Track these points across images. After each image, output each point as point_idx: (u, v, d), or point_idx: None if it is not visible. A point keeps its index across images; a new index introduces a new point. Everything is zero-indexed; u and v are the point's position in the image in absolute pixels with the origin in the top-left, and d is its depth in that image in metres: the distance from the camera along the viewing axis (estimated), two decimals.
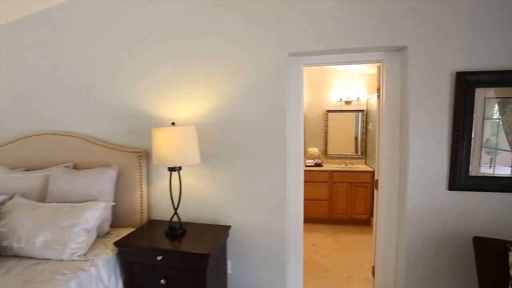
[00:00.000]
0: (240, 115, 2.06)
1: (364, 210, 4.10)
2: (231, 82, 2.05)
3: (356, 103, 4.57)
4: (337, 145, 4.68)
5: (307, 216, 4.30)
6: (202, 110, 2.11)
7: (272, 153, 2.04)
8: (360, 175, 4.08)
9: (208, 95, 2.09)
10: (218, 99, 2.08)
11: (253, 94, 2.03)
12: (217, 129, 2.10)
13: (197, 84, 2.10)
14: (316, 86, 4.68)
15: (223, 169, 2.12)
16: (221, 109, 2.08)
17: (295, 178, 2.18)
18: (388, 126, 2.04)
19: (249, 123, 2.05)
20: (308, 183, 4.09)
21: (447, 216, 1.86)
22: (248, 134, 2.06)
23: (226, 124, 2.08)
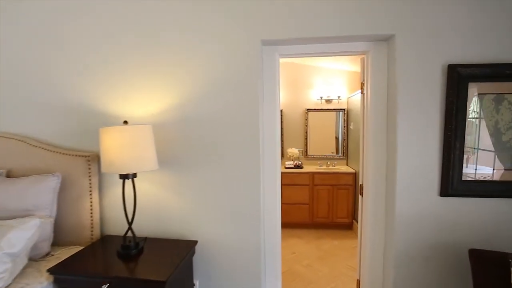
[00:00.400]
0: (205, 113, 1.78)
1: (346, 214, 3.92)
2: (194, 74, 1.76)
3: (337, 102, 4.40)
4: (318, 145, 4.50)
5: (287, 221, 4.11)
6: (161, 107, 1.81)
7: (244, 155, 1.78)
8: (341, 177, 3.91)
9: (168, 90, 1.79)
10: (179, 94, 1.79)
11: (221, 88, 1.75)
12: (179, 128, 1.81)
13: (156, 77, 1.80)
14: (295, 83, 4.46)
15: (188, 175, 1.83)
16: (183, 106, 1.79)
17: (272, 184, 1.93)
18: (374, 125, 1.83)
19: (216, 122, 1.78)
20: (288, 186, 3.88)
21: (439, 225, 1.67)
22: (215, 134, 1.78)
23: (189, 123, 1.80)
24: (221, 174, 1.80)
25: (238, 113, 1.76)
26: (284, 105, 4.49)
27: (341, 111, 4.40)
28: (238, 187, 1.80)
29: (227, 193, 1.81)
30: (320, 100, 4.40)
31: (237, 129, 1.76)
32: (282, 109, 4.47)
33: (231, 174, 1.79)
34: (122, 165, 1.55)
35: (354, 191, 3.90)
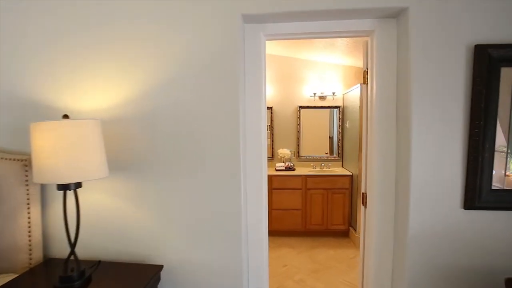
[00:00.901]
0: (172, 107, 1.42)
1: (342, 220, 3.60)
2: (158, 59, 1.40)
3: (331, 99, 4.08)
4: (311, 145, 4.17)
5: (278, 228, 3.78)
6: (116, 99, 1.44)
7: (221, 158, 1.42)
8: (337, 180, 3.59)
9: (125, 78, 1.43)
10: (139, 83, 1.42)
11: (191, 76, 1.40)
12: (140, 125, 1.44)
13: (109, 62, 1.43)
14: (286, 79, 4.13)
15: (151, 184, 1.47)
16: (144, 98, 1.42)
17: (256, 191, 1.58)
18: (380, 122, 1.50)
19: (185, 118, 1.42)
20: (279, 191, 3.54)
21: (463, 245, 1.35)
22: (184, 133, 1.43)
23: (153, 119, 1.43)
24: (192, 181, 1.44)
25: (213, 107, 1.40)
26: (274, 102, 4.15)
27: (336, 108, 4.08)
28: (213, 197, 1.44)
29: (200, 205, 1.46)
30: (313, 97, 4.08)
31: (211, 126, 1.41)
32: (272, 106, 4.13)
33: (205, 182, 1.44)
34: (58, 172, 1.17)
35: (350, 195, 3.58)
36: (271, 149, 4.18)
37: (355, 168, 3.48)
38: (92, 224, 1.49)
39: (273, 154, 4.19)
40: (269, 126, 4.15)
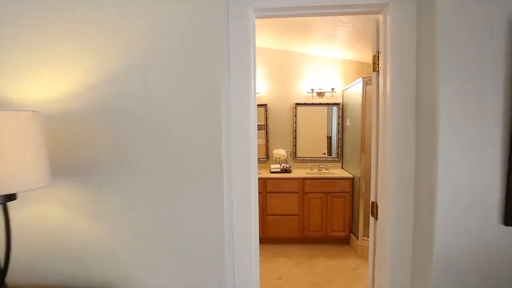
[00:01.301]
0: (138, 97, 1.13)
1: (343, 226, 3.33)
2: (120, 41, 1.11)
3: (330, 95, 3.81)
4: (309, 145, 3.89)
5: (274, 235, 3.49)
6: (65, 88, 1.15)
7: (198, 162, 1.13)
8: (337, 182, 3.31)
9: (78, 63, 1.13)
10: (96, 69, 1.13)
11: (161, 62, 1.11)
12: (96, 121, 1.15)
13: (60, 44, 1.13)
14: (282, 74, 3.85)
15: (111, 194, 1.17)
16: (101, 87, 1.13)
17: (244, 202, 1.29)
18: (396, 118, 1.22)
19: (154, 112, 1.13)
20: (274, 194, 3.26)
21: (502, 268, 1.07)
22: (152, 130, 1.14)
23: (111, 113, 1.14)
24: (162, 191, 1.15)
25: (188, 100, 1.11)
26: (268, 99, 3.87)
27: (335, 105, 3.81)
28: (189, 210, 1.16)
29: (175, 220, 1.17)
30: (311, 93, 3.80)
31: (186, 122, 1.12)
32: (267, 103, 3.85)
33: (179, 191, 1.15)
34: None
35: (351, 199, 3.31)
36: (266, 149, 3.90)
37: (357, 170, 3.21)
38: (41, 241, 1.20)
39: (267, 155, 3.90)
40: (264, 125, 3.87)
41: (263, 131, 3.89)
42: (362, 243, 3.04)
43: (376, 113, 1.41)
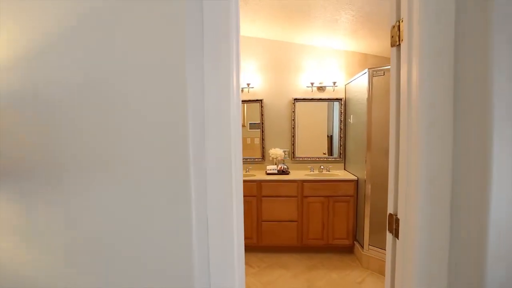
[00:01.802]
0: (72, 85, 0.81)
1: (346, 234, 3.02)
2: (48, 6, 0.79)
3: (331, 90, 3.50)
4: (308, 144, 3.58)
5: (269, 243, 3.16)
6: None
7: (153, 171, 0.82)
8: (339, 185, 3.00)
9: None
10: (18, 36, 0.81)
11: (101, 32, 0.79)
12: (23, 111, 0.83)
13: None
14: (279, 66, 3.53)
15: (31, 205, 0.85)
16: (23, 65, 0.81)
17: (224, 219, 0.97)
18: (427, 113, 0.90)
19: (96, 102, 0.81)
20: (270, 199, 2.95)
21: None
22: (92, 124, 0.82)
23: (41, 104, 0.82)
24: (106, 203, 0.84)
25: (141, 85, 0.80)
26: (264, 94, 3.56)
27: (337, 101, 3.49)
28: (144, 229, 0.84)
29: (121, 241, 0.85)
30: (310, 87, 3.49)
31: (138, 115, 0.81)
32: (262, 99, 3.54)
33: (127, 209, 0.83)
34: None
35: (355, 203, 3.00)
36: (262, 149, 3.59)
37: (361, 171, 2.90)
38: None
39: (263, 155, 3.59)
40: (259, 123, 3.56)
41: (258, 130, 3.58)
42: (368, 253, 2.73)
43: (396, 105, 1.09)
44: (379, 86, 2.61)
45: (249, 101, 3.55)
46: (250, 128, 3.61)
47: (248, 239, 3.09)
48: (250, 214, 3.07)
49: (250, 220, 3.07)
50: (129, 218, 0.82)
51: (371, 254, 2.70)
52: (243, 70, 3.52)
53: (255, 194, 3.05)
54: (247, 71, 3.53)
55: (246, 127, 3.62)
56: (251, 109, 3.58)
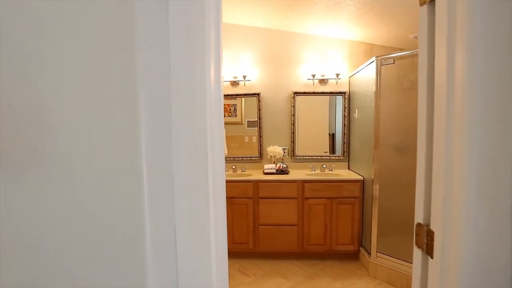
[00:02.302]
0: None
1: (351, 239, 2.76)
2: None
3: (334, 82, 3.24)
4: (309, 142, 3.33)
5: (267, 249, 2.79)
6: None
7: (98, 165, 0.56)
8: (343, 185, 2.74)
9: None
10: None
11: None
12: None
13: None
14: (278, 57, 3.28)
15: None
16: None
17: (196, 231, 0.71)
18: (480, 99, 0.65)
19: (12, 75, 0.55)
20: (268, 200, 2.70)
21: None
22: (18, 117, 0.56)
23: None
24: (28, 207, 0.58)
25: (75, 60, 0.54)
26: (262, 87, 3.30)
27: (341, 95, 3.24)
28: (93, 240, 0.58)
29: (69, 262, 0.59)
30: (312, 80, 3.23)
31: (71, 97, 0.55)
32: (260, 92, 3.28)
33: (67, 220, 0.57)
34: None
35: (361, 206, 2.75)
36: (259, 146, 3.33)
37: (368, 170, 2.64)
38: None
39: (261, 153, 3.33)
40: (257, 119, 3.30)
41: (256, 128, 3.32)
42: (376, 260, 2.47)
43: (428, 88, 0.83)
44: (389, 76, 2.36)
45: (245, 95, 3.29)
46: (248, 126, 3.36)
47: (243, 244, 2.84)
48: (246, 217, 2.81)
49: (246, 224, 2.82)
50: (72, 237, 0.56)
51: (379, 262, 2.45)
52: (239, 61, 3.27)
53: (251, 195, 2.79)
54: (243, 62, 3.27)
55: (244, 125, 3.38)
56: (248, 105, 3.33)
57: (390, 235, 2.42)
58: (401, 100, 2.32)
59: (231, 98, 3.33)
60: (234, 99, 3.34)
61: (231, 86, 3.34)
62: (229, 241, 2.89)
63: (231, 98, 3.33)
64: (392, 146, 2.39)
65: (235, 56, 3.29)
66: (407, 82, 2.26)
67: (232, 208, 2.82)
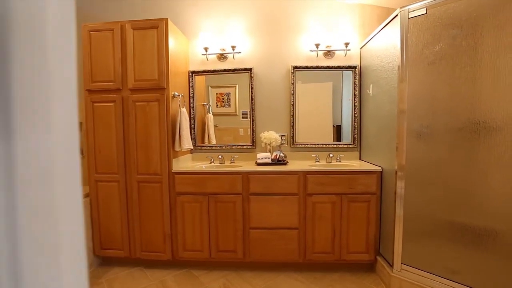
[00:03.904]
0: None
1: (365, 245, 2.19)
2: None
3: (342, 55, 2.68)
4: (312, 127, 2.76)
5: (260, 259, 2.17)
6: None
7: None
8: (356, 179, 2.17)
9: None
10: None
11: None
12: None
13: None
14: (273, 25, 2.71)
15: None
16: None
17: None
18: None
19: None
20: (262, 198, 2.13)
21: None
22: None
23: None
24: None
25: None
26: (254, 61, 2.73)
27: (350, 69, 2.67)
28: None
29: None
30: (315, 52, 2.67)
31: None
32: (252, 67, 2.71)
33: None
34: None
35: (378, 203, 2.18)
36: (251, 132, 2.76)
37: (387, 160, 2.08)
38: None
39: (253, 141, 2.76)
40: (248, 101, 2.73)
41: (246, 111, 2.76)
42: (401, 274, 1.90)
43: None
44: (420, 34, 1.79)
45: (235, 70, 2.72)
46: (243, 117, 2.80)
47: (230, 252, 2.26)
48: (233, 218, 2.24)
49: (233, 227, 2.24)
50: None
51: (405, 277, 1.88)
52: (226, 31, 2.70)
53: (240, 191, 2.22)
54: (232, 32, 2.71)
55: (238, 116, 2.81)
56: (243, 92, 2.76)
57: (421, 242, 1.85)
58: (442, 64, 1.76)
59: (219, 74, 2.76)
60: (221, 74, 2.76)
61: (218, 60, 2.77)
62: (212, 249, 2.32)
63: (218, 73, 2.75)
64: (425, 129, 1.82)
65: (222, 25, 2.72)
66: (448, 37, 1.70)
67: (216, 206, 2.24)
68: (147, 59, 2.23)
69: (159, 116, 2.24)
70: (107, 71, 2.28)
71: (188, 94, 2.75)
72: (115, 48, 2.26)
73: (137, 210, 2.32)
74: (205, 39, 2.66)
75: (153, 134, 2.26)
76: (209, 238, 2.27)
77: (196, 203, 2.26)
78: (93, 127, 2.32)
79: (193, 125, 2.77)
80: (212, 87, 2.83)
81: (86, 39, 2.28)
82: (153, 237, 2.32)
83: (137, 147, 2.28)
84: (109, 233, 2.38)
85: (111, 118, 2.30)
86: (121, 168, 2.31)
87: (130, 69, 2.24)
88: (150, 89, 2.24)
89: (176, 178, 2.26)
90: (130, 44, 2.24)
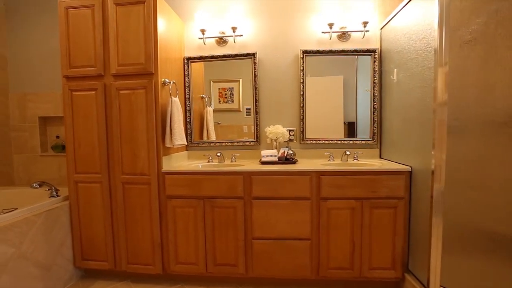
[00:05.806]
0: None
1: (391, 260, 1.84)
2: None
3: (359, 37, 2.32)
4: (325, 121, 2.41)
5: (265, 275, 1.79)
6: None
7: None
8: (380, 180, 1.82)
9: None
10: None
11: None
12: None
13: None
14: (280, 4, 2.37)
15: None
16: None
17: None
18: None
19: None
20: (267, 202, 1.79)
21: None
22: None
23: None
24: None
25: None
26: (259, 46, 2.40)
27: (369, 54, 2.31)
28: None
29: None
30: (328, 34, 2.32)
31: None
32: (256, 52, 2.37)
33: None
34: None
35: (407, 211, 1.82)
36: (255, 127, 2.43)
37: (420, 158, 1.73)
38: None
39: (257, 136, 2.43)
40: (252, 91, 2.40)
41: (250, 101, 2.42)
42: None
43: None
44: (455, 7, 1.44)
45: (236, 56, 2.39)
46: (247, 114, 2.47)
47: (229, 266, 1.92)
48: (234, 226, 1.90)
49: (234, 237, 1.90)
50: None
51: None
52: (227, 12, 2.37)
53: (241, 194, 1.88)
54: (233, 12, 2.37)
55: (242, 113, 2.48)
56: (246, 86, 2.42)
57: (463, 258, 1.49)
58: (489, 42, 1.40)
59: (217, 60, 2.42)
60: (221, 61, 2.43)
61: (217, 45, 2.44)
62: (208, 262, 1.99)
63: (216, 60, 2.42)
64: (456, 122, 1.47)
65: (222, 4, 2.39)
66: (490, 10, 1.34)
67: (212, 212, 1.90)
68: (132, 40, 1.90)
69: (147, 106, 1.91)
70: (87, 55, 1.96)
71: (184, 84, 2.43)
72: (96, 27, 1.94)
73: (122, 216, 1.99)
74: (202, 20, 2.33)
75: (140, 127, 1.93)
76: (205, 249, 1.93)
77: (189, 208, 1.93)
78: (71, 119, 2.01)
79: (189, 119, 2.44)
80: (214, 82, 2.50)
81: (63, 17, 1.97)
82: (140, 246, 1.99)
83: (121, 142, 1.96)
84: (91, 241, 2.07)
85: (92, 108, 1.98)
86: (104, 167, 1.99)
87: (113, 51, 1.92)
88: (136, 75, 1.92)
89: (166, 179, 1.93)
90: (112, 23, 1.92)
